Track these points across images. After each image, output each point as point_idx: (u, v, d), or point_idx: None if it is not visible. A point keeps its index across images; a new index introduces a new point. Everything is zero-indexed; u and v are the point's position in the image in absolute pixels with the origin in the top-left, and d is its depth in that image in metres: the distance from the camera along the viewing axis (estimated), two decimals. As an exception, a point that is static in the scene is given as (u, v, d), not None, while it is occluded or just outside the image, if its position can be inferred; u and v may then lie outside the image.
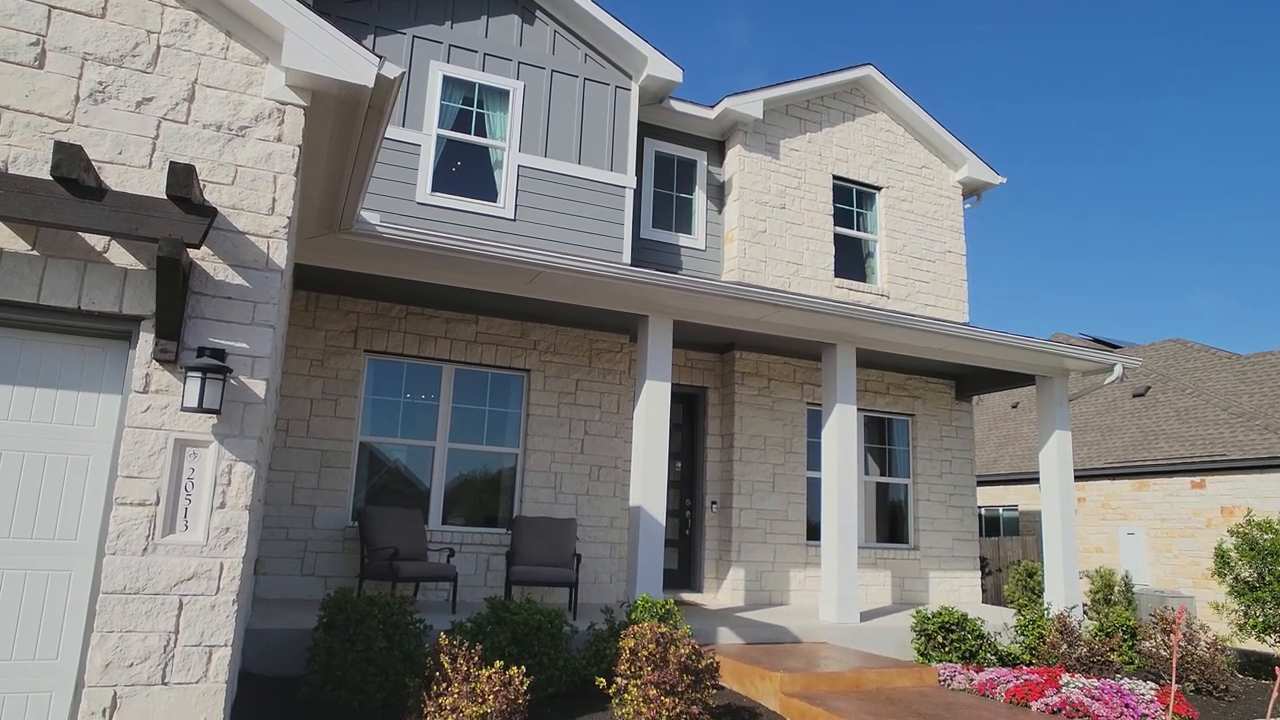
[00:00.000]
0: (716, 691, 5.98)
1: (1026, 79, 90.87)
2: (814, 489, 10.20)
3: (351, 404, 8.35)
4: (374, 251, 6.91)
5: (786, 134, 11.11)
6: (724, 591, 9.80)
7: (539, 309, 8.51)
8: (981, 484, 18.97)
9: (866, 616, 8.97)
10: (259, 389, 4.14)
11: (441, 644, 4.83)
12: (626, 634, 5.54)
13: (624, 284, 7.69)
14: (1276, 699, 7.28)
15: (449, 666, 4.67)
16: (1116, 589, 13.63)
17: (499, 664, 4.79)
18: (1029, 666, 7.66)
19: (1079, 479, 16.87)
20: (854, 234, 11.53)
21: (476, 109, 9.36)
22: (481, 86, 9.37)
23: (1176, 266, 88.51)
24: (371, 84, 4.33)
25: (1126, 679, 7.03)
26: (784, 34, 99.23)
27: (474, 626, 5.79)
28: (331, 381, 8.31)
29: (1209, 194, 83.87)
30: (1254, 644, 11.29)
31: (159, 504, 3.88)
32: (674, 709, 5.05)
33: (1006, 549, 16.72)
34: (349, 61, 4.31)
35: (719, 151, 11.03)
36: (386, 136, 7.22)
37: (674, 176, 10.81)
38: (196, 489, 3.96)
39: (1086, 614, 10.12)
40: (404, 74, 4.52)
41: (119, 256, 3.94)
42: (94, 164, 3.88)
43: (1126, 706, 6.21)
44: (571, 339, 9.42)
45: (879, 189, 11.74)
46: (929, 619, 8.01)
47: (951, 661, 7.67)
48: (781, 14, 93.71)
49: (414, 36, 9.07)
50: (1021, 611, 9.41)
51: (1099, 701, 6.19)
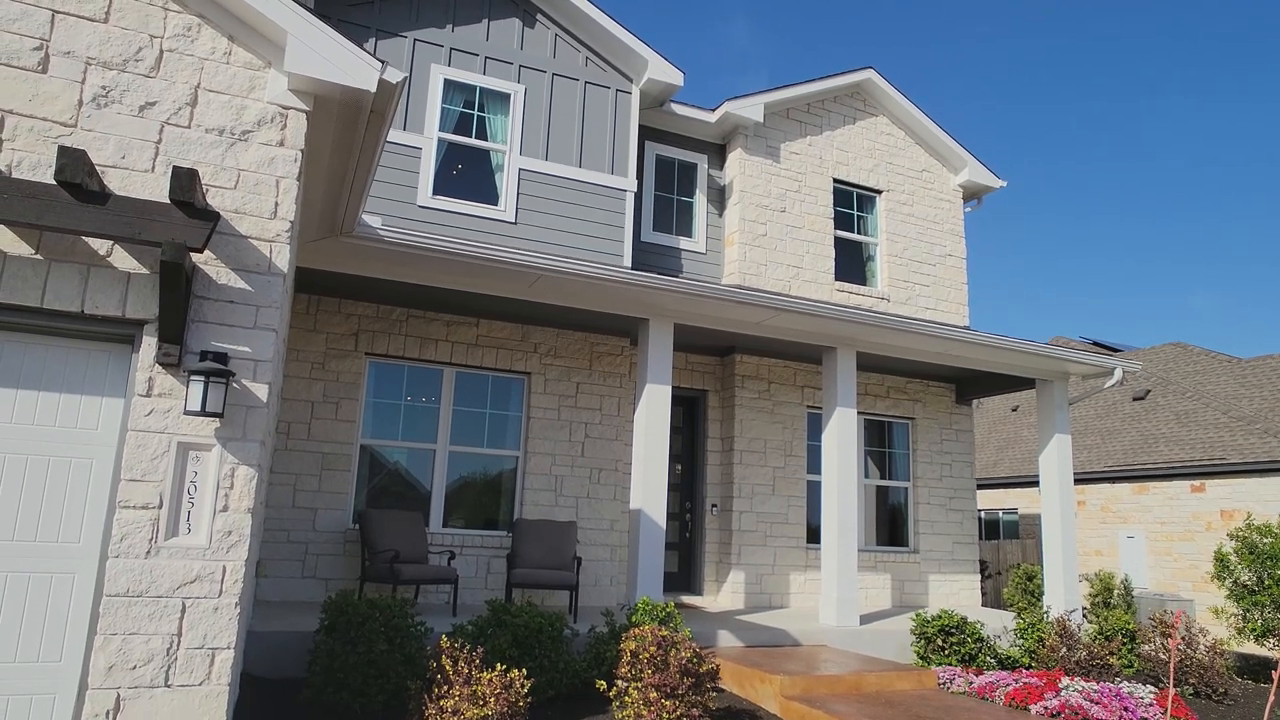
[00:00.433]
0: (717, 694, 5.99)
1: (1026, 79, 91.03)
2: (814, 492, 10.21)
3: (353, 407, 8.37)
4: (375, 255, 6.93)
5: (787, 137, 11.13)
6: (724, 594, 9.81)
7: (540, 312, 8.53)
8: (981, 487, 19.00)
9: (866, 619, 8.98)
10: (261, 393, 4.16)
11: (443, 646, 4.84)
12: (627, 637, 5.55)
13: (625, 287, 7.71)
14: (1273, 702, 7.30)
15: (450, 669, 4.68)
16: (1116, 592, 13.65)
17: (500, 666, 4.80)
18: (1028, 670, 7.68)
19: (1079, 482, 16.89)
20: (854, 237, 11.55)
21: (477, 112, 9.38)
22: (482, 90, 9.39)
23: (1177, 267, 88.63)
24: (374, 89, 4.35)
25: (1126, 682, 7.04)
26: (784, 35, 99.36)
27: (475, 629, 5.80)
28: (333, 384, 8.32)
29: (1209, 194, 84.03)
30: (1253, 647, 11.29)
31: (162, 507, 3.90)
32: (674, 712, 5.06)
33: (1006, 552, 16.73)
34: (351, 66, 4.33)
35: (720, 155, 11.05)
36: (388, 140, 7.23)
37: (675, 180, 10.83)
38: (199, 492, 3.98)
39: (1086, 617, 10.13)
40: (406, 79, 4.55)
41: (122, 261, 3.96)
42: (97, 168, 3.90)
43: (1125, 710, 6.22)
44: (572, 342, 9.43)
45: (879, 192, 11.76)
46: (929, 622, 8.02)
47: (951, 665, 7.68)
48: (782, 15, 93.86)
49: (415, 40, 9.09)
50: (1021, 615, 9.42)
51: (1098, 705, 6.20)
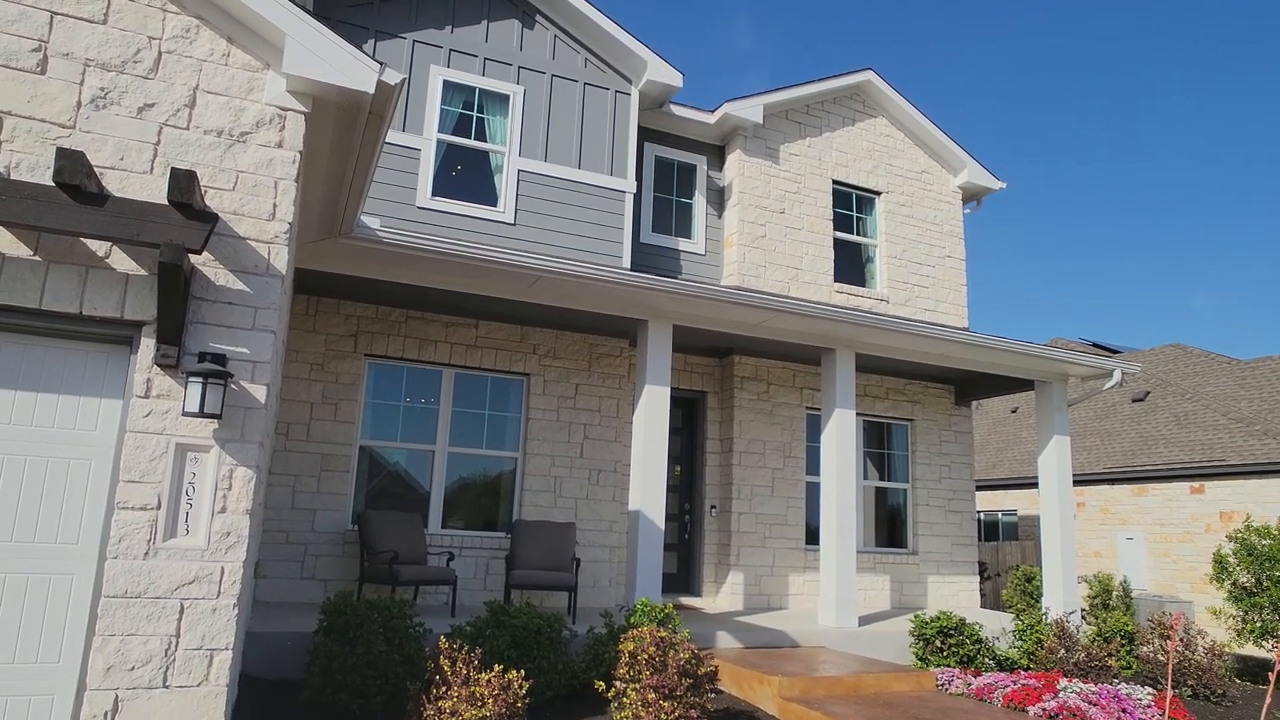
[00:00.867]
0: (715, 695, 5.99)
1: (1026, 79, 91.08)
2: (813, 493, 10.21)
3: (351, 408, 8.37)
4: (374, 256, 6.93)
5: (786, 139, 11.14)
6: (723, 596, 9.81)
7: (539, 313, 8.53)
8: (980, 489, 18.99)
9: (865, 621, 8.98)
10: (260, 394, 4.16)
11: (441, 647, 4.84)
12: (626, 638, 5.55)
13: (624, 289, 7.71)
14: (1270, 704, 7.30)
15: (449, 670, 4.68)
16: (1115, 594, 13.65)
17: (498, 667, 4.80)
18: (1027, 671, 7.68)
19: (1078, 484, 16.89)
20: (854, 239, 11.55)
21: (477, 113, 9.39)
22: (482, 91, 9.40)
23: (1177, 267, 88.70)
24: (372, 90, 4.35)
25: (1124, 684, 7.04)
26: (785, 36, 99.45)
27: (473, 630, 5.80)
28: (332, 385, 8.32)
29: (1209, 194, 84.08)
30: (1251, 649, 11.29)
31: (160, 508, 3.90)
32: (672, 713, 5.06)
33: (1005, 554, 16.72)
34: (350, 68, 4.33)
35: (719, 156, 11.06)
36: (387, 141, 7.23)
37: (674, 181, 10.84)
38: (197, 493, 3.98)
39: (1085, 619, 10.14)
40: (404, 80, 4.55)
41: (120, 262, 3.96)
42: (96, 170, 3.90)
43: (1124, 711, 6.22)
44: (571, 343, 9.44)
45: (879, 194, 11.77)
46: (927, 623, 8.02)
47: (950, 666, 7.68)
48: (782, 15, 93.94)
49: (414, 41, 9.10)
50: (1020, 616, 9.43)
51: (1096, 706, 6.20)
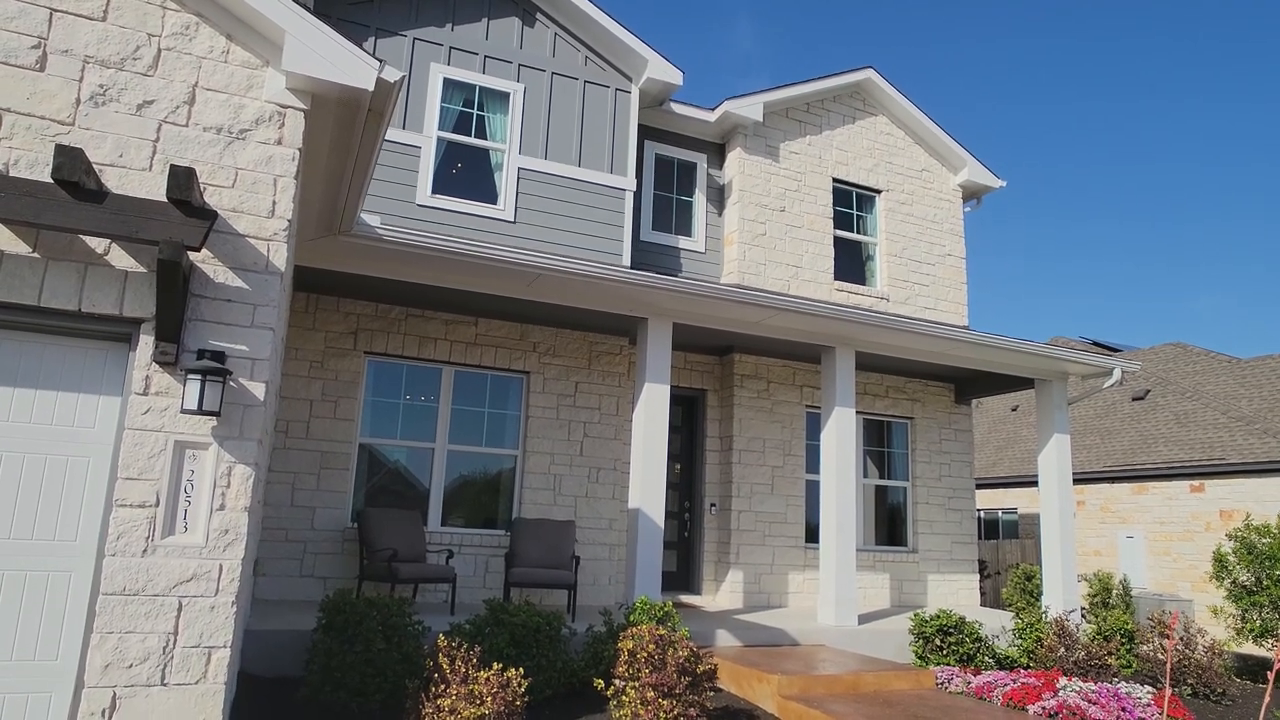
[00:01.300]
0: (714, 694, 5.99)
1: (1026, 79, 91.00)
2: (813, 491, 10.20)
3: (351, 405, 8.37)
4: (374, 254, 6.93)
5: (787, 137, 11.12)
6: (722, 594, 9.81)
7: (539, 311, 8.52)
8: (980, 487, 18.99)
9: (865, 619, 8.98)
10: (259, 391, 4.16)
11: (440, 645, 4.84)
12: (625, 636, 5.55)
13: (623, 286, 7.71)
14: (1269, 703, 7.30)
15: (448, 668, 4.68)
16: (1115, 592, 13.64)
17: (497, 665, 4.80)
18: (1026, 670, 7.68)
19: (1078, 482, 16.88)
20: (854, 237, 11.54)
21: (477, 111, 9.38)
22: (482, 89, 9.39)
23: (1177, 268, 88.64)
24: (371, 88, 4.35)
25: (1124, 683, 7.04)
26: (785, 35, 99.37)
27: (473, 628, 5.80)
28: (331, 383, 8.32)
29: (1210, 195, 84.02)
30: (1251, 648, 11.29)
31: (159, 506, 3.89)
32: (671, 711, 5.06)
33: (1005, 552, 16.73)
34: (349, 65, 4.33)
35: (719, 154, 11.05)
36: (386, 138, 7.22)
37: (674, 179, 10.83)
38: (196, 491, 3.98)
39: (1084, 617, 10.13)
40: (404, 78, 4.54)
41: (119, 259, 3.95)
42: (95, 167, 3.90)
43: (1123, 710, 6.22)
44: (571, 341, 9.43)
45: (879, 192, 11.75)
46: (927, 622, 8.02)
47: (949, 664, 7.68)
48: (782, 14, 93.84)
49: (415, 39, 9.09)
50: (1020, 615, 9.42)
51: (1096, 705, 6.20)
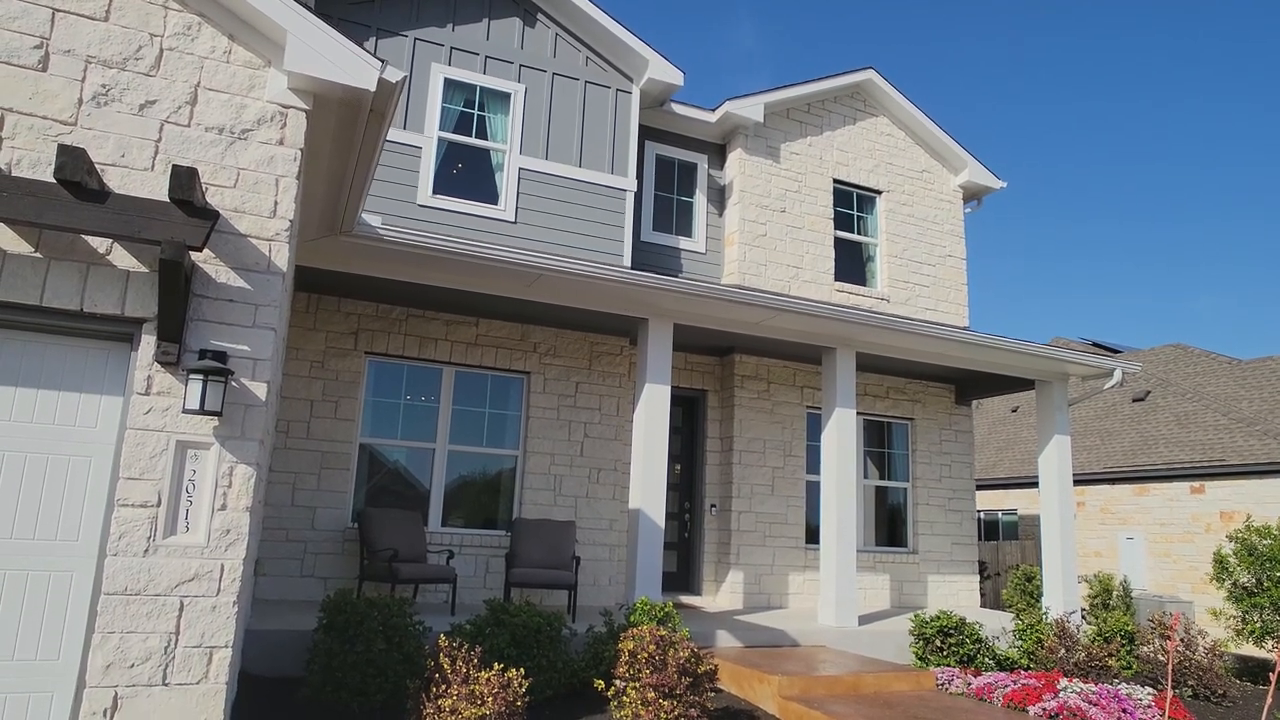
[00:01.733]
0: (715, 694, 5.99)
1: (1026, 79, 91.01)
2: (813, 492, 10.20)
3: (352, 405, 8.37)
4: (375, 254, 6.93)
5: (787, 137, 11.13)
6: (723, 594, 9.81)
7: (539, 311, 8.53)
8: (981, 488, 18.99)
9: (865, 620, 8.98)
10: (260, 391, 4.16)
11: (441, 646, 4.84)
12: (625, 637, 5.55)
13: (624, 287, 7.71)
14: (1271, 705, 7.30)
15: (448, 668, 4.68)
16: (1115, 594, 13.65)
17: (498, 666, 4.80)
18: (1027, 671, 7.67)
19: (1078, 483, 16.89)
20: (854, 238, 11.55)
21: (478, 111, 9.38)
22: (483, 89, 9.39)
23: (1177, 269, 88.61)
24: (373, 88, 4.35)
25: (1124, 684, 7.04)
26: (785, 35, 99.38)
27: (473, 628, 5.80)
28: (332, 383, 8.32)
29: (1209, 195, 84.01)
30: (1251, 649, 11.29)
31: (160, 505, 3.90)
32: (672, 712, 5.06)
33: (1005, 553, 16.73)
34: (351, 65, 4.33)
35: (720, 155, 11.05)
36: (388, 139, 7.23)
37: (675, 179, 10.83)
38: (197, 491, 3.98)
39: (1085, 619, 10.14)
40: (406, 78, 4.54)
41: (121, 259, 3.96)
42: (97, 167, 3.90)
43: (1124, 711, 6.22)
44: (572, 341, 9.43)
45: (879, 193, 11.76)
46: (927, 623, 8.02)
47: (949, 665, 7.68)
48: (783, 14, 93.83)
49: (415, 39, 9.09)
50: (1020, 616, 9.42)
51: (1096, 706, 6.20)
